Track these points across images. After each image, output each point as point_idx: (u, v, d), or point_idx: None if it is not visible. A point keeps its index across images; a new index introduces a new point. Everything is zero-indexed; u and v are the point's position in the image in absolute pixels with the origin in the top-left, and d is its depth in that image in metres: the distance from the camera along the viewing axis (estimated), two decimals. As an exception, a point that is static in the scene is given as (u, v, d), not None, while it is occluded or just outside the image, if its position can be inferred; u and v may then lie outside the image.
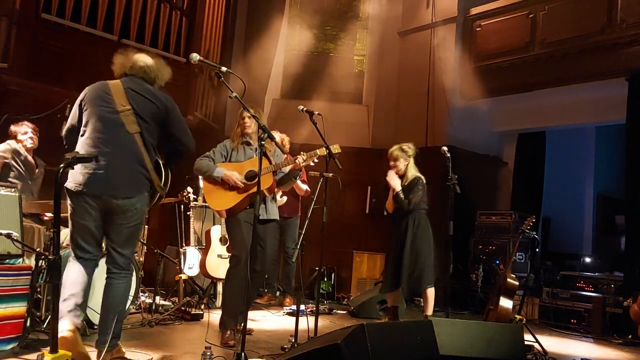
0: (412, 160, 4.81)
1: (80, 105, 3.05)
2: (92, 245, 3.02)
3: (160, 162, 3.14)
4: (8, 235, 3.12)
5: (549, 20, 6.77)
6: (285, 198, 5.66)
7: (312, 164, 4.23)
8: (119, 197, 2.92)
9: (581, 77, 6.55)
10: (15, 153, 4.44)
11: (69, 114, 3.16)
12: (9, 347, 3.16)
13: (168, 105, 3.10)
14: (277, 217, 4.14)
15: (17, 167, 4.44)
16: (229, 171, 3.85)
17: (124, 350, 3.12)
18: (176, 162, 3.25)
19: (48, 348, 2.51)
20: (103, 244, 3.13)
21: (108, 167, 2.89)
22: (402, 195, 4.67)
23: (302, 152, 3.97)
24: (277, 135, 5.60)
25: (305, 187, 5.64)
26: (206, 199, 4.01)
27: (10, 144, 4.46)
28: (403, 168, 4.78)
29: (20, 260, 3.45)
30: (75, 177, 2.91)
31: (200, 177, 4.26)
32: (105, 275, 3.04)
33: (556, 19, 6.70)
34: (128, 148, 2.96)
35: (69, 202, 2.98)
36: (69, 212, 3.00)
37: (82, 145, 2.95)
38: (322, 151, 3.84)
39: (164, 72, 3.19)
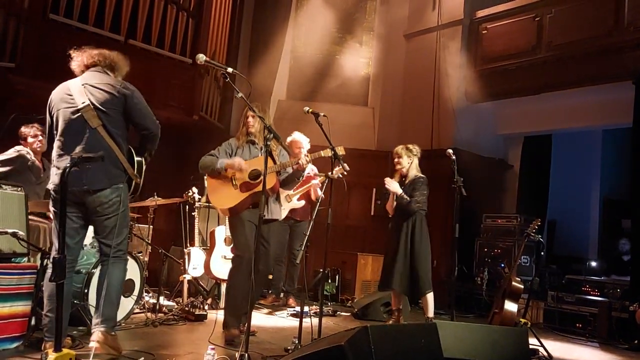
0: (415, 160, 4.89)
1: (49, 112, 3.19)
2: (75, 238, 3.12)
3: (132, 151, 3.22)
4: (14, 234, 3.14)
5: (555, 23, 6.74)
6: (303, 202, 5.65)
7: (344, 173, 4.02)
8: (90, 191, 3.02)
9: (588, 80, 6.51)
10: (24, 158, 4.45)
11: None
12: (14, 345, 3.17)
13: (126, 92, 3.15)
14: (280, 218, 4.14)
15: (25, 171, 4.45)
16: (231, 159, 3.86)
17: (121, 347, 3.11)
18: (147, 149, 3.30)
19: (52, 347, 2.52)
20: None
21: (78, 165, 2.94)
22: (406, 197, 4.68)
23: (306, 154, 3.97)
24: (303, 138, 5.50)
25: (321, 193, 5.62)
26: (209, 197, 4.03)
27: (20, 149, 4.46)
28: (407, 166, 4.85)
29: (26, 259, 3.47)
30: (52, 178, 3.09)
31: (204, 176, 4.26)
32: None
33: (563, 22, 6.67)
34: (94, 143, 3.03)
35: (50, 202, 3.17)
36: (51, 211, 3.22)
37: (54, 149, 3.10)
38: (326, 152, 3.84)
39: (122, 63, 3.28)
